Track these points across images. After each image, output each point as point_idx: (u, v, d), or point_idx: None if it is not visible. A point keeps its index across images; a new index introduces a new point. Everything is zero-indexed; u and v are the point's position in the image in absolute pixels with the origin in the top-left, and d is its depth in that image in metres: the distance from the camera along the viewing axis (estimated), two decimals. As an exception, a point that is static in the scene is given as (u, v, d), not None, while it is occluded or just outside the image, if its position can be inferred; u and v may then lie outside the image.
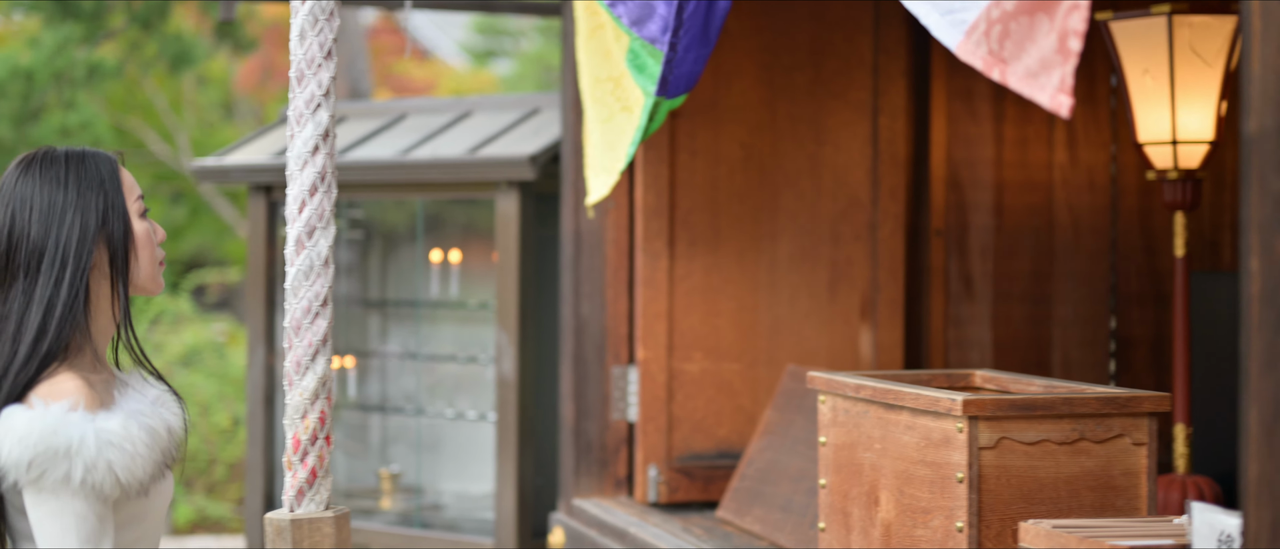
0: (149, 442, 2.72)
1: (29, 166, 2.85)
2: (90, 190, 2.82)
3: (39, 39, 16.59)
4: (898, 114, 4.98)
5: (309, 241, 3.11)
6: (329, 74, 3.11)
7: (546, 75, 21.88)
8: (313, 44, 3.07)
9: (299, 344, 3.12)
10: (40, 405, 2.62)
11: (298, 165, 3.07)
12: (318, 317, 3.10)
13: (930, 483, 3.06)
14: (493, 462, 6.48)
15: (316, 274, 3.10)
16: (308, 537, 3.11)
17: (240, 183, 6.92)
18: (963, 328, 5.11)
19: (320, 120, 3.08)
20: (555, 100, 6.42)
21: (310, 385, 3.14)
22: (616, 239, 4.92)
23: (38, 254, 2.75)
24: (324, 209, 3.09)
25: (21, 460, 2.58)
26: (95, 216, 2.80)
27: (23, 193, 2.79)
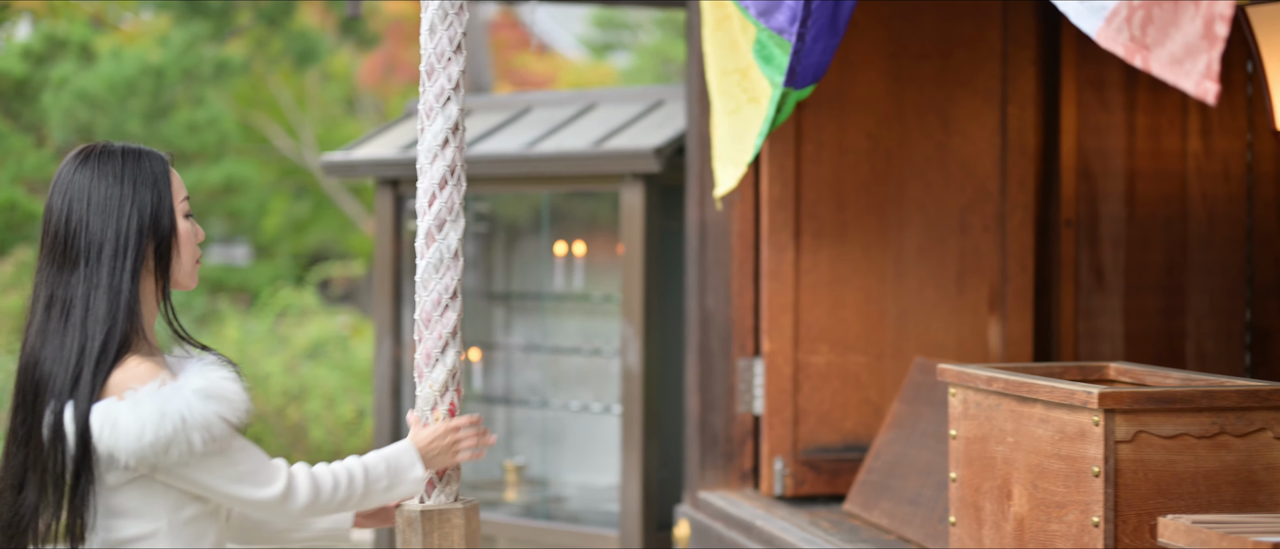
0: (235, 379, 2.88)
1: (86, 159, 2.97)
2: (145, 187, 2.92)
3: (168, 37, 16.88)
4: (1027, 103, 4.92)
5: (439, 234, 3.13)
6: (458, 68, 3.12)
7: (665, 68, 21.88)
8: (442, 38, 3.08)
9: (429, 337, 3.14)
10: (132, 395, 2.75)
11: (428, 159, 3.08)
12: (447, 309, 3.12)
13: (1065, 477, 3.02)
14: (617, 454, 6.49)
15: (447, 267, 3.13)
16: (437, 528, 3.14)
17: (367, 177, 6.98)
18: (1093, 320, 5.04)
19: (450, 114, 3.09)
20: (679, 93, 6.41)
21: (440, 378, 3.16)
22: (742, 231, 4.91)
23: (98, 244, 2.86)
24: (453, 202, 3.11)
25: (144, 450, 2.73)
26: (150, 212, 2.90)
27: (80, 183, 2.90)
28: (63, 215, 2.91)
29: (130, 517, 2.83)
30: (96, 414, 2.76)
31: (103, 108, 15.56)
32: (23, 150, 16.02)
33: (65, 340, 2.83)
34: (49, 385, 2.80)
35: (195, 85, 16.53)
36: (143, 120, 15.81)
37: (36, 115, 16.15)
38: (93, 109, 15.54)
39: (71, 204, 2.90)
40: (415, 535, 3.13)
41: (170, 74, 15.87)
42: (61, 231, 2.89)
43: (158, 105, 16.00)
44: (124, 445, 2.73)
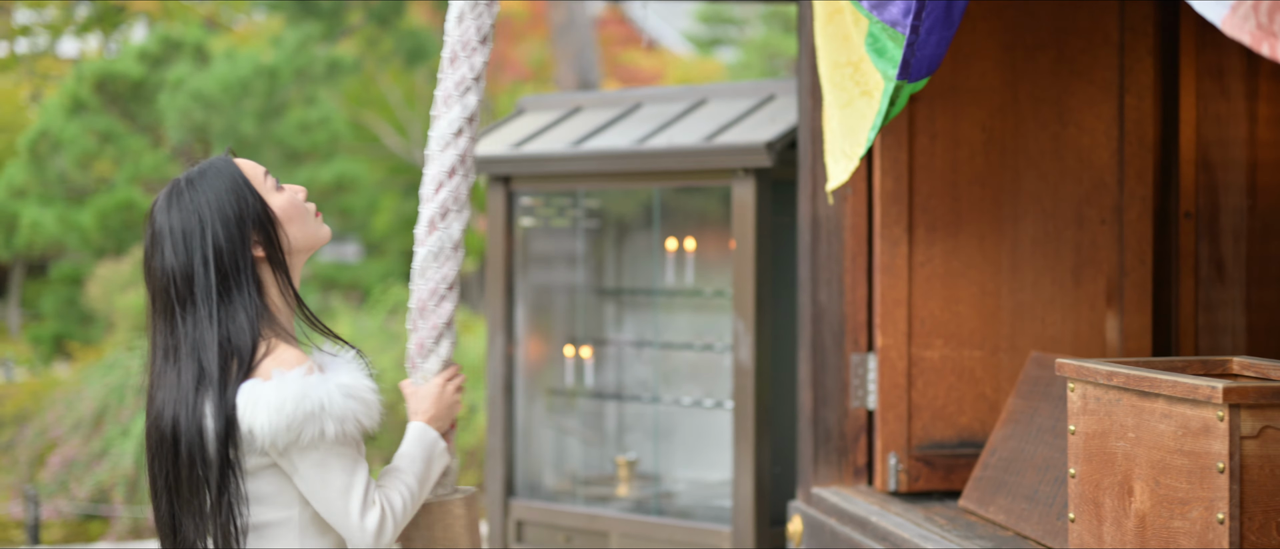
0: (375, 390, 2.94)
1: (157, 209, 3.00)
2: (218, 198, 2.92)
3: (281, 37, 17.10)
4: (1145, 93, 4.85)
5: (442, 223, 3.09)
6: (481, 59, 3.08)
7: (772, 62, 21.83)
8: (469, 27, 3.05)
9: (423, 326, 3.12)
10: (278, 375, 2.79)
11: (439, 146, 3.05)
12: (444, 300, 3.10)
13: (1188, 473, 2.97)
14: (729, 449, 6.48)
15: (447, 257, 3.09)
16: (439, 520, 3.15)
17: (479, 174, 7.02)
18: (1214, 313, 4.95)
19: (468, 104, 3.06)
20: (790, 87, 6.39)
21: (433, 368, 3.16)
22: (854, 225, 4.88)
23: (186, 277, 2.87)
24: (461, 192, 3.07)
25: (279, 426, 2.79)
26: (234, 218, 2.90)
27: (156, 234, 2.93)
28: (156, 269, 2.95)
29: (265, 503, 2.88)
30: (241, 396, 2.81)
31: (217, 108, 15.80)
32: (139, 151, 16.31)
33: (181, 379, 2.87)
34: (186, 422, 2.85)
35: (307, 85, 16.74)
36: (256, 120, 16.04)
37: (152, 116, 16.43)
38: (207, 110, 15.78)
39: (158, 254, 2.93)
40: (418, 532, 3.14)
41: (283, 74, 16.09)
42: (159, 283, 2.93)
43: (271, 105, 16.22)
44: (262, 421, 2.78)
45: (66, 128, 15.93)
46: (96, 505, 12.10)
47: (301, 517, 2.89)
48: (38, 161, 16.25)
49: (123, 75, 16.22)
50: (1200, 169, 4.95)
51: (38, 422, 13.27)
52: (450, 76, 3.06)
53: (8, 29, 21.19)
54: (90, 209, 15.98)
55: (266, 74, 16.09)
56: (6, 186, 16.50)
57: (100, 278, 15.49)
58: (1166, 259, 4.98)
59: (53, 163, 16.25)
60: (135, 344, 13.34)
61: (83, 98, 16.14)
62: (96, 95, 16.21)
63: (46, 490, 12.34)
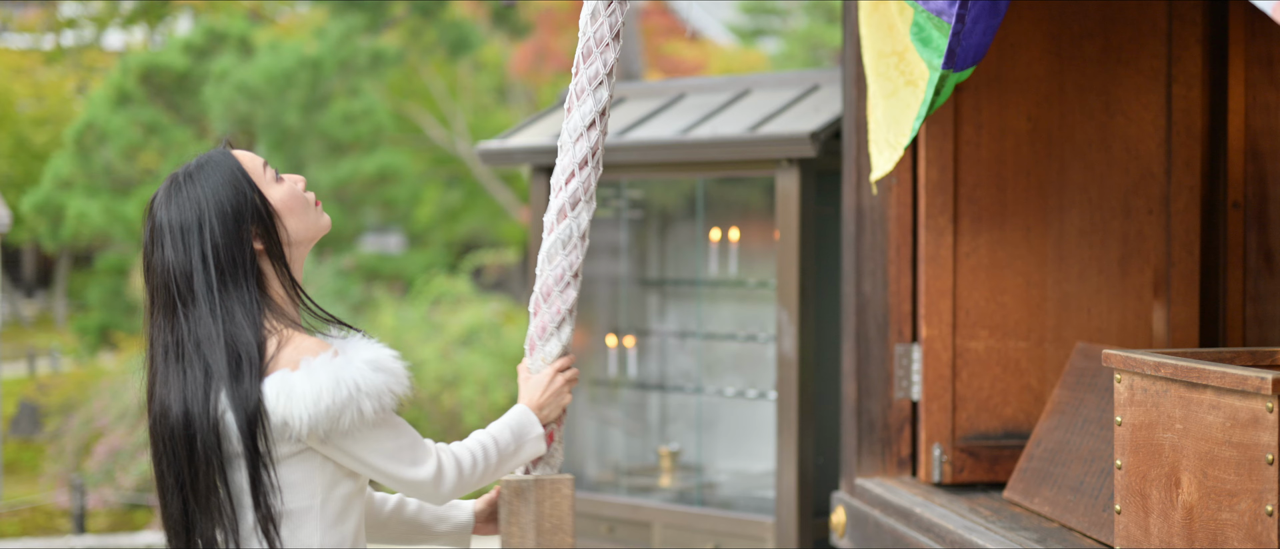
0: (398, 357, 2.94)
1: (155, 206, 2.97)
2: (216, 193, 2.91)
3: (324, 29, 17.16)
4: (1193, 82, 4.81)
5: (572, 212, 3.16)
6: (613, 55, 3.14)
7: (815, 53, 21.78)
8: (603, 24, 3.11)
9: (546, 310, 3.18)
10: (306, 364, 2.80)
11: (571, 138, 3.11)
12: (568, 286, 3.15)
13: (1237, 465, 2.95)
14: (771, 440, 6.47)
15: (573, 245, 3.15)
16: (548, 497, 3.20)
17: (522, 164, 7.03)
18: (1262, 305, 4.91)
19: (600, 98, 3.12)
20: (834, 77, 6.37)
21: (554, 351, 3.20)
22: (899, 216, 4.87)
23: (185, 274, 2.87)
24: (590, 184, 3.14)
25: (319, 415, 2.79)
26: (232, 212, 2.90)
27: (155, 229, 2.92)
28: (154, 267, 2.94)
29: (291, 490, 2.88)
30: (270, 386, 2.81)
31: (261, 100, 15.87)
32: (184, 142, 16.40)
33: (188, 376, 2.86)
34: (198, 417, 2.84)
35: (351, 76, 16.79)
36: (300, 112, 16.10)
37: (197, 108, 16.52)
38: (252, 101, 15.85)
39: (157, 252, 2.93)
40: (525, 506, 3.18)
41: (327, 66, 16.15)
42: (158, 280, 2.93)
43: (314, 97, 16.28)
44: (299, 411, 2.78)
45: (112, 120, 16.03)
46: (141, 495, 12.18)
47: (325, 501, 2.90)
48: (84, 153, 16.36)
49: (168, 67, 16.31)
50: (1249, 158, 4.91)
51: (83, 411, 13.37)
52: (584, 72, 3.13)
53: (54, 22, 21.34)
54: (135, 200, 16.08)
55: (310, 65, 16.15)
56: (53, 178, 16.62)
57: (145, 268, 15.58)
58: (1214, 250, 4.94)
59: (98, 154, 16.36)
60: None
61: (128, 90, 16.25)
62: (142, 87, 16.30)
63: (92, 480, 12.43)
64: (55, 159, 16.86)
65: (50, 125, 20.04)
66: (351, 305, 15.31)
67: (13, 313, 27.28)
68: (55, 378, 18.71)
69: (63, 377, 18.28)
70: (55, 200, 16.58)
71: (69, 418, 13.78)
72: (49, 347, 21.81)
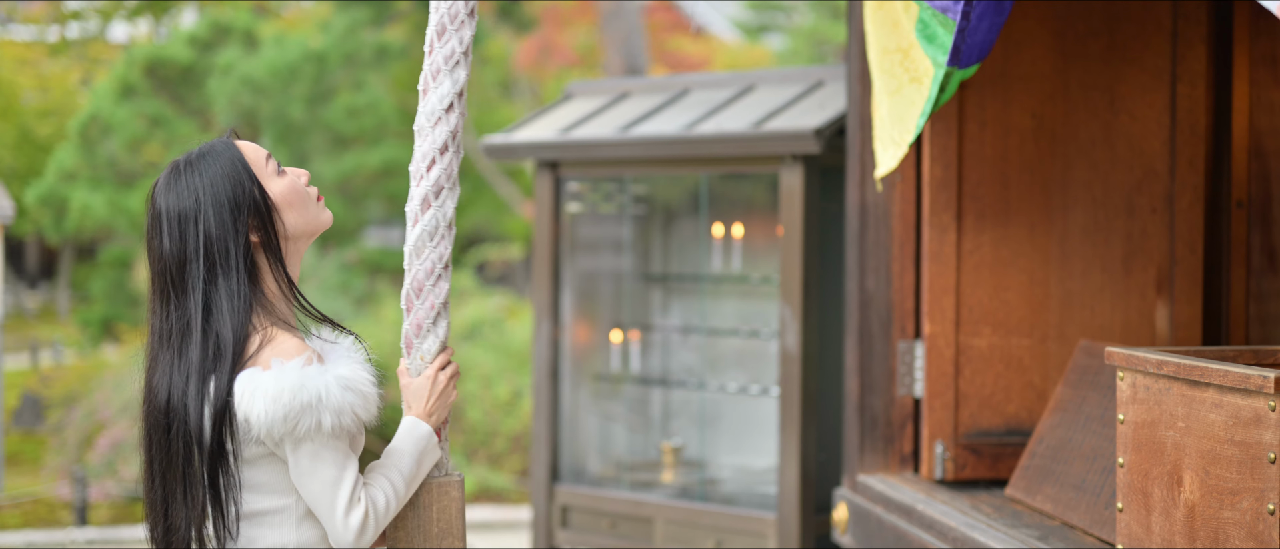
0: (373, 382, 2.90)
1: (156, 191, 2.96)
2: (214, 183, 2.90)
3: (329, 23, 17.16)
4: (1197, 81, 4.81)
5: (436, 201, 3.04)
6: (469, 32, 3.04)
7: (820, 49, 21.77)
8: (458, 1, 3.03)
9: (420, 306, 3.07)
10: (277, 365, 2.78)
11: (429, 121, 3.01)
12: (440, 279, 3.06)
13: (1238, 463, 2.95)
14: (774, 436, 6.47)
15: (441, 236, 3.05)
16: (437, 500, 3.12)
17: (527, 159, 7.04)
18: (1265, 303, 4.91)
19: (458, 78, 3.02)
20: (839, 73, 6.37)
21: (432, 348, 3.12)
22: (903, 212, 4.87)
23: (180, 263, 2.86)
24: (453, 169, 3.03)
25: (276, 416, 2.76)
26: (228, 202, 2.88)
27: (155, 216, 2.91)
28: (152, 252, 2.93)
29: (262, 491, 2.87)
30: (239, 383, 2.80)
31: (266, 93, 15.87)
32: (188, 135, 16.40)
33: (175, 363, 2.86)
34: (178, 406, 2.84)
35: (355, 70, 16.80)
36: (304, 105, 16.11)
37: (202, 101, 16.52)
38: (256, 94, 15.85)
39: (156, 237, 2.92)
40: (412, 510, 3.11)
41: (332, 59, 16.15)
42: (155, 267, 2.92)
43: (319, 90, 16.28)
44: (258, 410, 2.76)
45: (116, 112, 16.04)
46: (144, 487, 12.18)
47: (299, 505, 2.89)
48: (88, 145, 16.37)
49: (172, 60, 16.31)
50: (1253, 157, 4.91)
51: (86, 404, 13.38)
52: (439, 51, 3.02)
53: (59, 14, 21.34)
54: (139, 192, 16.09)
55: (315, 59, 16.15)
56: (57, 170, 16.63)
57: (149, 261, 15.59)
58: (1217, 248, 4.94)
59: (103, 147, 16.36)
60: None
61: (133, 82, 16.25)
62: (146, 79, 16.30)
63: (94, 472, 12.44)
64: (59, 151, 16.87)
65: (54, 117, 20.05)
66: (355, 299, 15.31)
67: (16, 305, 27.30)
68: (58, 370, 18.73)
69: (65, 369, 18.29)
70: (59, 192, 16.59)
71: (71, 410, 13.79)
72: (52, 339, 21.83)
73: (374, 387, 2.88)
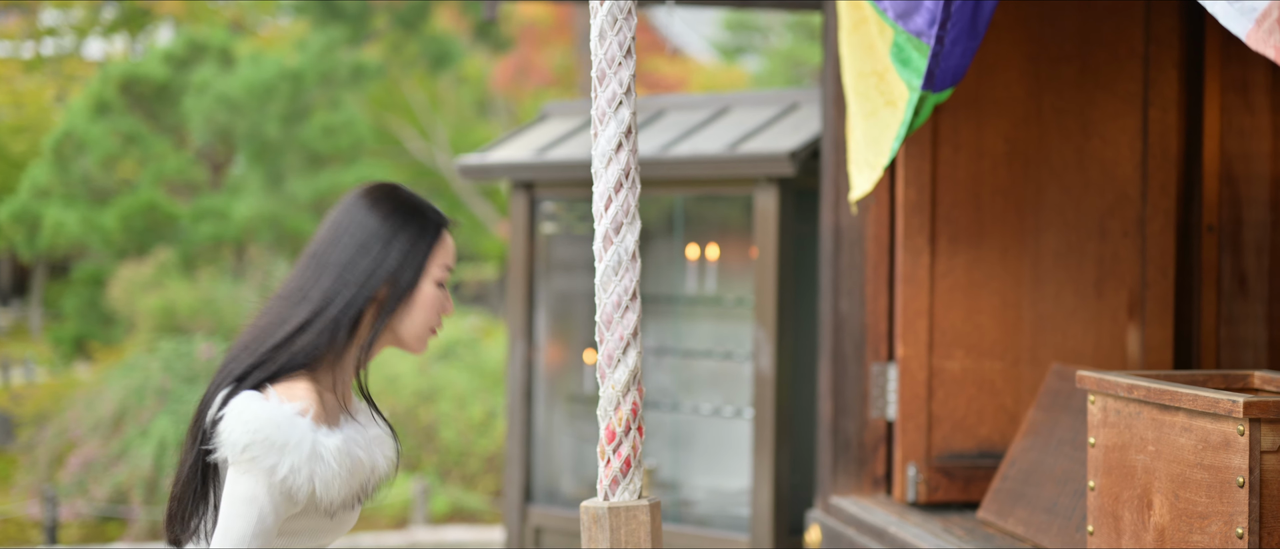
0: (352, 469, 2.85)
1: (373, 197, 2.98)
2: (406, 233, 2.94)
3: (306, 41, 17.14)
4: (1169, 106, 4.84)
5: (616, 237, 3.14)
6: (629, 72, 3.13)
7: (796, 71, 21.83)
8: (612, 43, 3.10)
9: (610, 338, 3.15)
10: (275, 399, 2.78)
11: (603, 163, 3.10)
12: (628, 310, 3.14)
13: (1208, 487, 2.96)
14: (748, 458, 6.48)
15: (625, 268, 3.14)
16: (624, 524, 3.15)
17: (502, 179, 7.04)
18: (1236, 327, 4.94)
19: (623, 118, 3.11)
20: (814, 96, 6.39)
21: (622, 378, 3.17)
22: (877, 235, 4.88)
23: (336, 267, 2.88)
24: (629, 204, 3.13)
25: (240, 441, 2.74)
26: (396, 258, 2.92)
27: (356, 213, 2.94)
28: (329, 231, 2.95)
29: None
30: (242, 399, 2.79)
31: (241, 111, 15.85)
32: (163, 153, 16.36)
33: (258, 333, 2.88)
34: (230, 366, 2.85)
35: (332, 89, 16.78)
36: (280, 123, 16.08)
37: (177, 118, 16.49)
38: (232, 112, 15.83)
39: (335, 225, 2.95)
40: (602, 533, 3.14)
41: (308, 78, 16.13)
42: (320, 245, 2.94)
43: (295, 109, 16.26)
44: (227, 426, 2.76)
45: (91, 129, 15.99)
46: (115, 507, 12.13)
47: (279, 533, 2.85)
48: (62, 162, 16.32)
49: (148, 77, 16.27)
50: (1223, 182, 4.94)
51: (57, 422, 13.32)
52: (602, 95, 3.11)
53: (34, 30, 21.28)
54: (113, 210, 16.04)
55: (291, 77, 16.12)
56: (30, 187, 16.57)
57: (122, 279, 15.53)
58: (1189, 272, 4.97)
59: (77, 164, 16.32)
60: (156, 346, 13.37)
61: (107, 99, 16.20)
62: (121, 97, 16.26)
63: (65, 491, 12.38)
64: (33, 168, 16.81)
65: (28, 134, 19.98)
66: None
67: (-12, 322, 27.17)
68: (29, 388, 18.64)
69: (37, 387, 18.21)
70: (32, 209, 16.52)
71: (42, 428, 13.72)
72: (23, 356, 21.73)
73: (348, 472, 2.82)
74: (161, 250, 15.77)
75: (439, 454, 13.38)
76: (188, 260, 16.05)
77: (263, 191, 16.53)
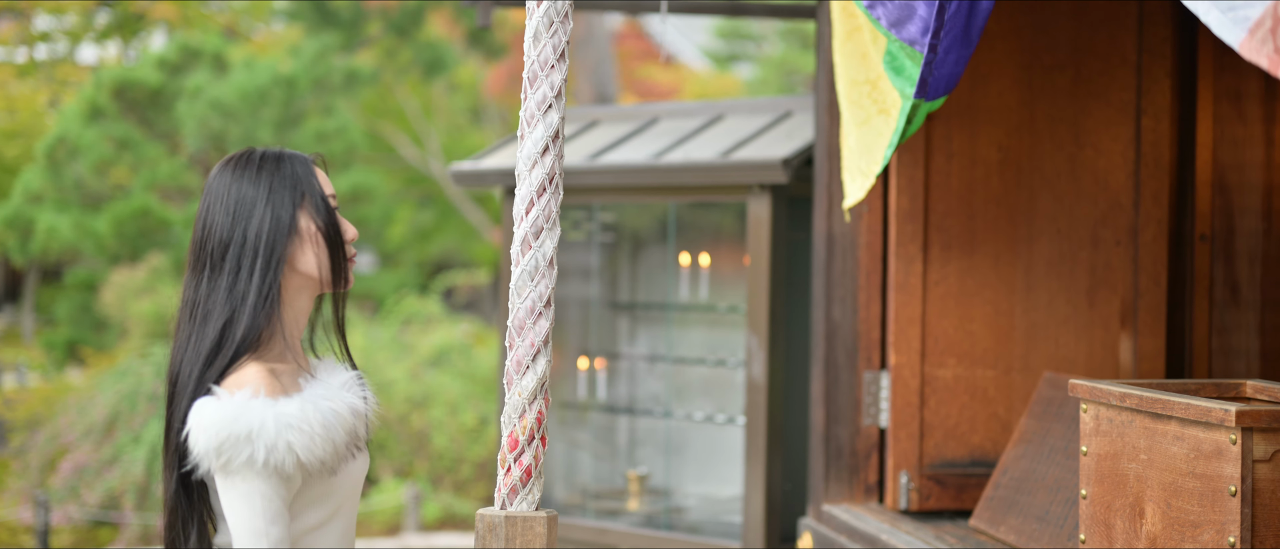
0: (327, 422, 2.82)
1: (227, 165, 2.96)
2: (284, 187, 2.92)
3: (299, 47, 17.14)
4: (1162, 115, 4.85)
5: (535, 242, 3.11)
6: (561, 76, 3.11)
7: (789, 79, 21.85)
8: (546, 46, 3.08)
9: (521, 344, 3.12)
10: (224, 395, 2.76)
11: (526, 166, 3.08)
12: (541, 317, 3.11)
13: (1200, 496, 2.97)
14: (740, 465, 6.48)
15: (541, 274, 3.11)
16: (521, 534, 3.12)
17: (495, 186, 7.04)
18: (1228, 336, 4.95)
19: (551, 121, 3.09)
20: (807, 103, 6.39)
21: (530, 385, 3.14)
22: (869, 243, 4.88)
23: (223, 247, 2.87)
24: (551, 210, 3.10)
25: (210, 448, 2.72)
26: (288, 212, 2.90)
27: (217, 189, 2.92)
28: (200, 221, 2.94)
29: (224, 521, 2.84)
30: (195, 408, 2.78)
31: (235, 117, 15.83)
32: (156, 158, 16.34)
33: (191, 343, 2.86)
34: (180, 386, 2.84)
35: (325, 95, 16.77)
36: (274, 129, 16.07)
37: (170, 124, 16.47)
38: (225, 118, 15.81)
39: (208, 210, 2.93)
40: (497, 540, 3.11)
41: (301, 84, 16.13)
42: (198, 237, 2.92)
43: (288, 114, 16.25)
44: (195, 438, 2.74)
45: (84, 134, 15.97)
46: (107, 512, 12.11)
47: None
48: (55, 167, 16.29)
49: (141, 83, 16.26)
50: (1216, 192, 4.95)
51: (50, 427, 13.29)
52: (532, 97, 3.09)
53: (27, 35, 21.26)
54: (106, 216, 16.02)
55: (284, 83, 16.11)
56: (23, 192, 16.55)
57: (115, 284, 15.52)
58: (1181, 281, 4.98)
59: (70, 169, 16.30)
60: (149, 351, 13.36)
61: (101, 104, 16.19)
62: (114, 102, 16.25)
63: (57, 496, 12.35)
64: (26, 173, 16.79)
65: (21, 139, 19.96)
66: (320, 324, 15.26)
67: (-20, 327, 27.12)
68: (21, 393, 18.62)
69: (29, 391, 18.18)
70: (25, 214, 16.50)
71: (34, 433, 13.70)
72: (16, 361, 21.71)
73: (323, 426, 2.79)
74: (154, 256, 15.75)
75: (431, 461, 13.37)
76: (180, 266, 16.02)
77: (256, 197, 16.50)
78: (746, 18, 18.66)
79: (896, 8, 3.72)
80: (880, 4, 3.77)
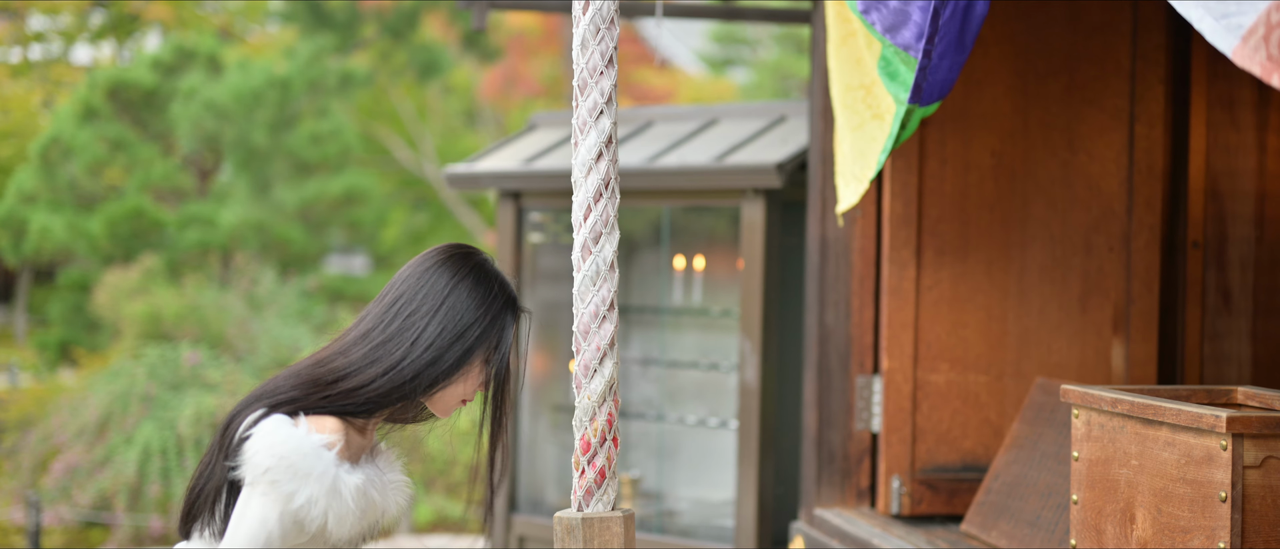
0: (366, 510, 2.86)
1: (473, 270, 3.00)
2: (496, 324, 2.98)
3: (294, 49, 17.13)
4: (1155, 122, 4.86)
5: (595, 247, 3.14)
6: (610, 82, 3.13)
7: (783, 83, 21.85)
8: (594, 53, 3.10)
9: (587, 348, 3.15)
10: (304, 426, 2.77)
11: (582, 172, 3.11)
12: (605, 320, 3.14)
13: (1191, 502, 2.97)
14: (732, 469, 6.48)
15: (603, 278, 3.14)
16: (598, 535, 3.14)
17: (490, 189, 7.05)
18: (1220, 343, 4.96)
19: (603, 128, 3.11)
20: (801, 108, 6.40)
21: (598, 388, 3.17)
22: (863, 248, 4.89)
23: (420, 332, 2.89)
24: (608, 215, 3.13)
25: (262, 463, 2.74)
26: (481, 348, 2.95)
27: (453, 285, 2.96)
28: (412, 288, 2.96)
29: None
30: (270, 420, 2.78)
31: (229, 118, 15.82)
32: (150, 159, 16.33)
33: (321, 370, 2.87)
34: (267, 389, 2.85)
35: (319, 97, 16.76)
36: (268, 131, 16.07)
37: (164, 125, 16.46)
38: (219, 119, 15.80)
39: (430, 289, 2.95)
40: (575, 541, 3.13)
41: (296, 85, 16.12)
42: (401, 296, 2.94)
43: (283, 116, 16.24)
44: (253, 445, 2.75)
45: (78, 135, 15.96)
46: (98, 513, 12.10)
47: None
48: (48, 168, 16.28)
49: (135, 83, 16.25)
50: (1209, 199, 4.96)
51: (42, 428, 13.28)
52: (584, 104, 3.11)
53: (22, 35, 21.24)
54: (100, 216, 16.01)
55: (279, 85, 16.11)
56: (17, 192, 16.53)
57: (108, 285, 15.49)
58: (1173, 288, 4.99)
59: (63, 169, 16.28)
60: (141, 353, 13.35)
61: (95, 105, 16.18)
62: (109, 103, 16.24)
63: (49, 497, 12.34)
64: (19, 173, 16.77)
65: (15, 139, 19.94)
66: (315, 326, 15.24)
67: (-27, 327, 27.09)
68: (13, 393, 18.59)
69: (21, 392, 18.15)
70: (18, 214, 16.48)
71: (26, 434, 13.68)
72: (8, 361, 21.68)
73: (362, 512, 2.83)
74: (148, 257, 15.73)
75: (423, 463, 13.36)
76: (174, 267, 16.02)
77: (249, 199, 16.51)
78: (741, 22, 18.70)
79: (891, 13, 3.72)
80: (875, 9, 3.78)
